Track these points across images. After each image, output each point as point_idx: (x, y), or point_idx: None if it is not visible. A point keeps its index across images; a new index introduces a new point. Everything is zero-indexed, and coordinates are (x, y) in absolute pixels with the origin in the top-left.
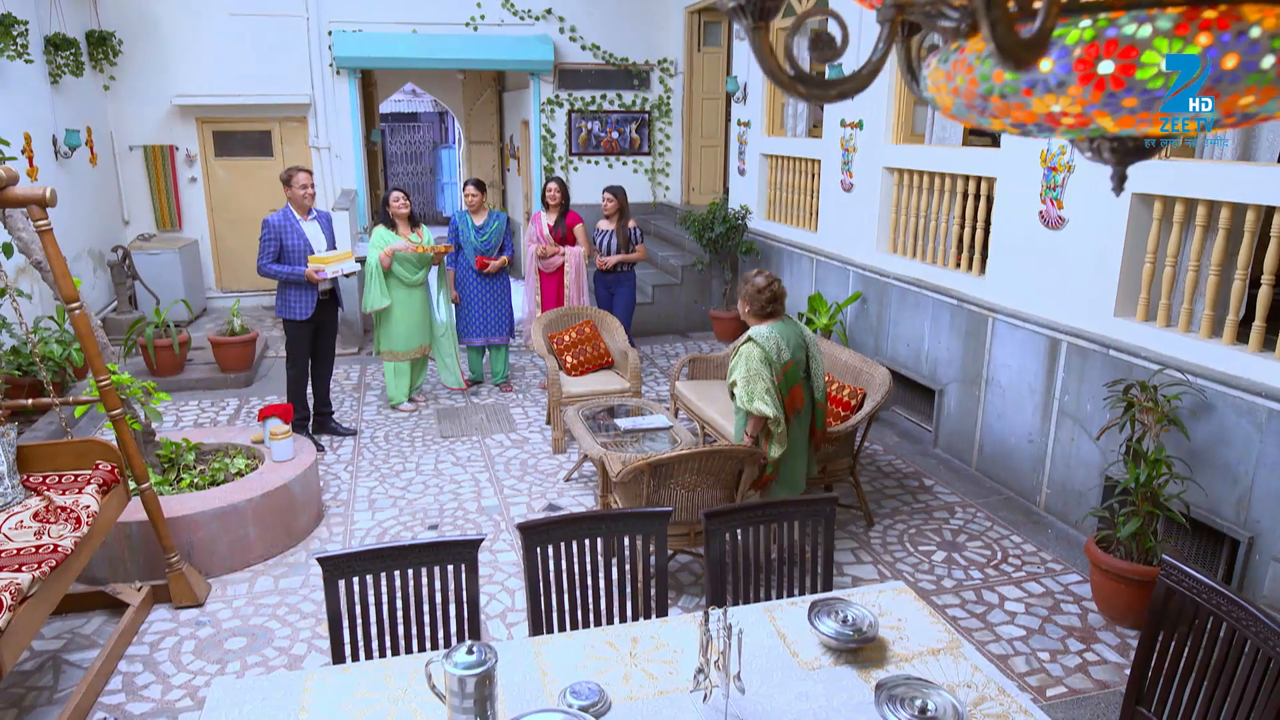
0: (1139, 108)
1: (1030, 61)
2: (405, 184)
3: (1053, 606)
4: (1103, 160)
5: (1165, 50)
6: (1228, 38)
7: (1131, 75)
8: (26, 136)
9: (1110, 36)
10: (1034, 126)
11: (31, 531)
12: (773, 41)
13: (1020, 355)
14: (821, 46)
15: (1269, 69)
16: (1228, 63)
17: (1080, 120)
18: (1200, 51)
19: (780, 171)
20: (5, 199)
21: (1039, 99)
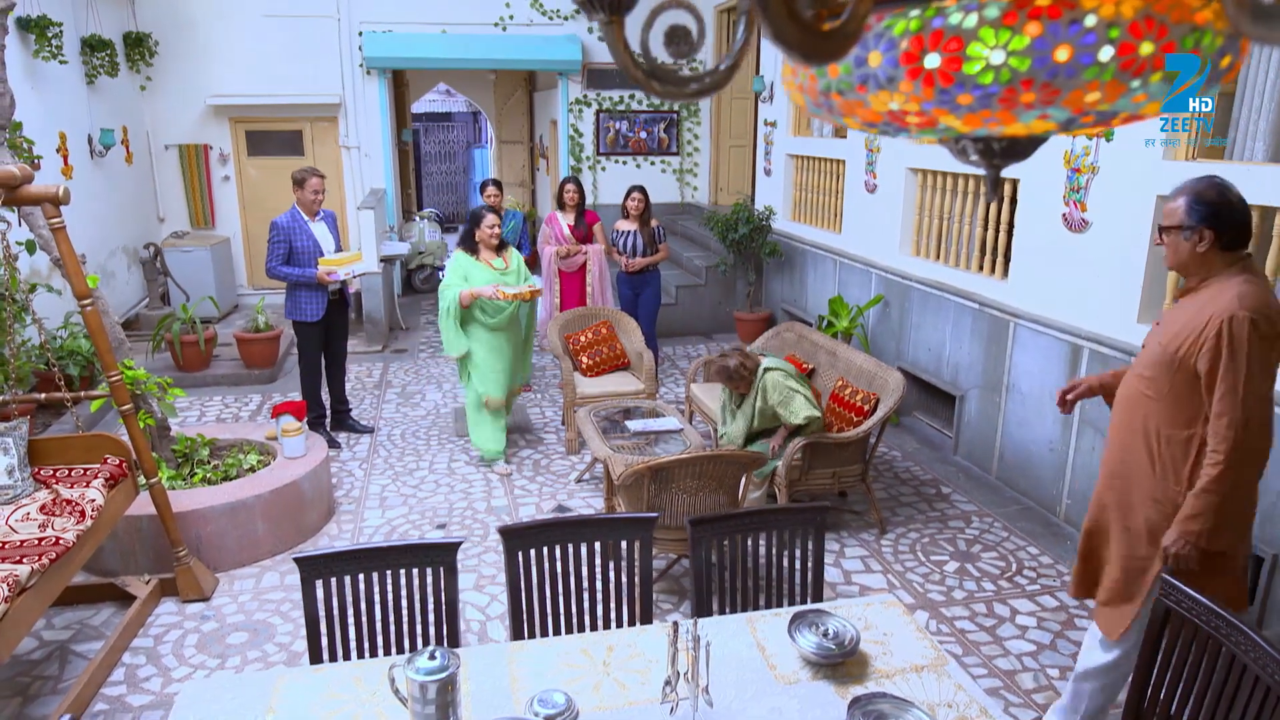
0: (977, 105)
1: (827, 54)
2: (439, 183)
3: (1066, 622)
4: (971, 163)
5: (992, 42)
6: (1058, 27)
7: (959, 69)
8: (62, 136)
9: (936, 27)
10: (883, 126)
11: (36, 524)
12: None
13: (1042, 361)
14: (676, 41)
15: (1108, 62)
16: (1060, 55)
17: (925, 119)
18: (1029, 43)
19: (805, 172)
20: (20, 197)
21: (874, 96)
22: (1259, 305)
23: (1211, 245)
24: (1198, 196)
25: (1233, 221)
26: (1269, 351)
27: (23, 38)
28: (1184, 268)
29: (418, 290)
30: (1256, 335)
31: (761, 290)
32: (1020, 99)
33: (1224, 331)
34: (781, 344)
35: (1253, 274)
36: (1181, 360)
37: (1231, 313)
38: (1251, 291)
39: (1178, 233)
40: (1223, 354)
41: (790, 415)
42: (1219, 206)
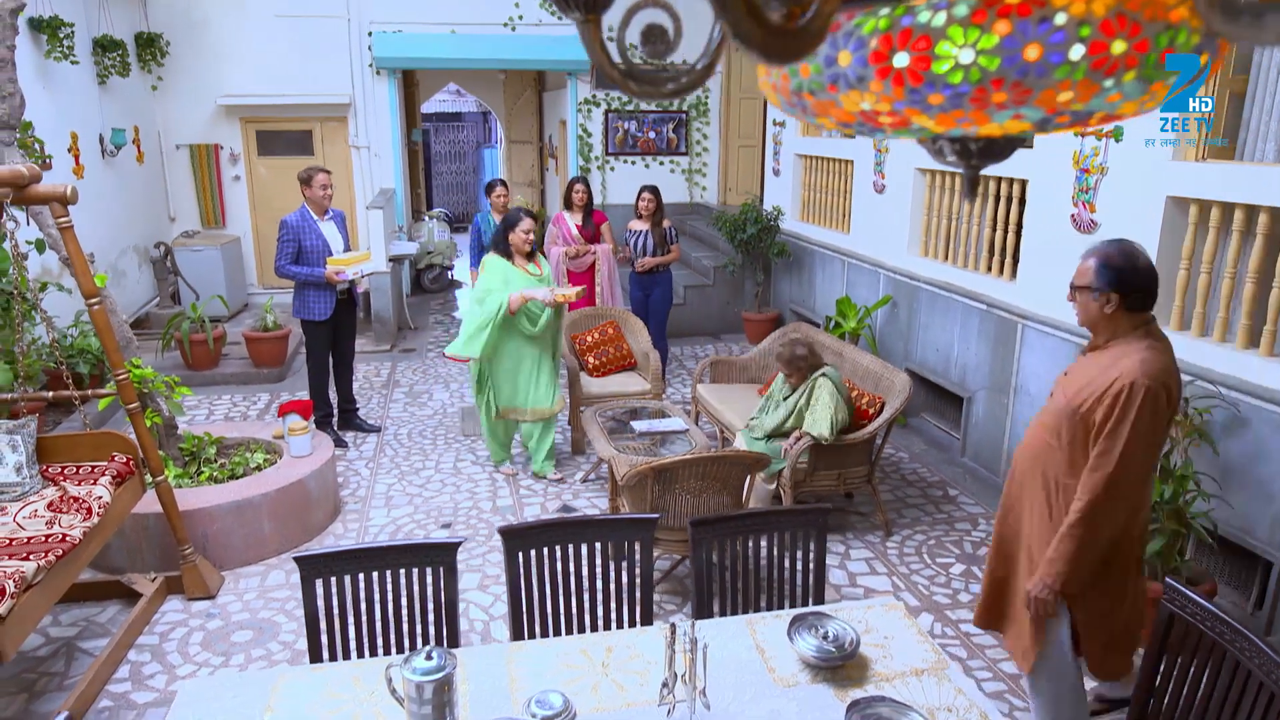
0: (949, 105)
1: (790, 54)
2: (449, 183)
3: None
4: (949, 163)
5: (961, 40)
6: (1028, 25)
7: (928, 68)
8: (73, 135)
9: (905, 26)
10: (857, 126)
11: (43, 521)
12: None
13: (1050, 363)
14: (653, 40)
15: (1079, 61)
16: (1030, 53)
17: (898, 120)
18: (998, 41)
19: (814, 172)
20: (28, 196)
21: (846, 96)
22: (1160, 373)
23: (1118, 307)
24: (1106, 260)
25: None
26: (1159, 423)
27: (34, 38)
28: (1093, 325)
29: (427, 290)
30: (1151, 406)
31: (770, 290)
32: (992, 98)
33: (1123, 393)
34: None
35: (1155, 339)
36: (1083, 414)
37: (1134, 378)
38: (1154, 358)
39: (1087, 292)
40: (1115, 413)
41: (811, 421)
42: (1125, 271)
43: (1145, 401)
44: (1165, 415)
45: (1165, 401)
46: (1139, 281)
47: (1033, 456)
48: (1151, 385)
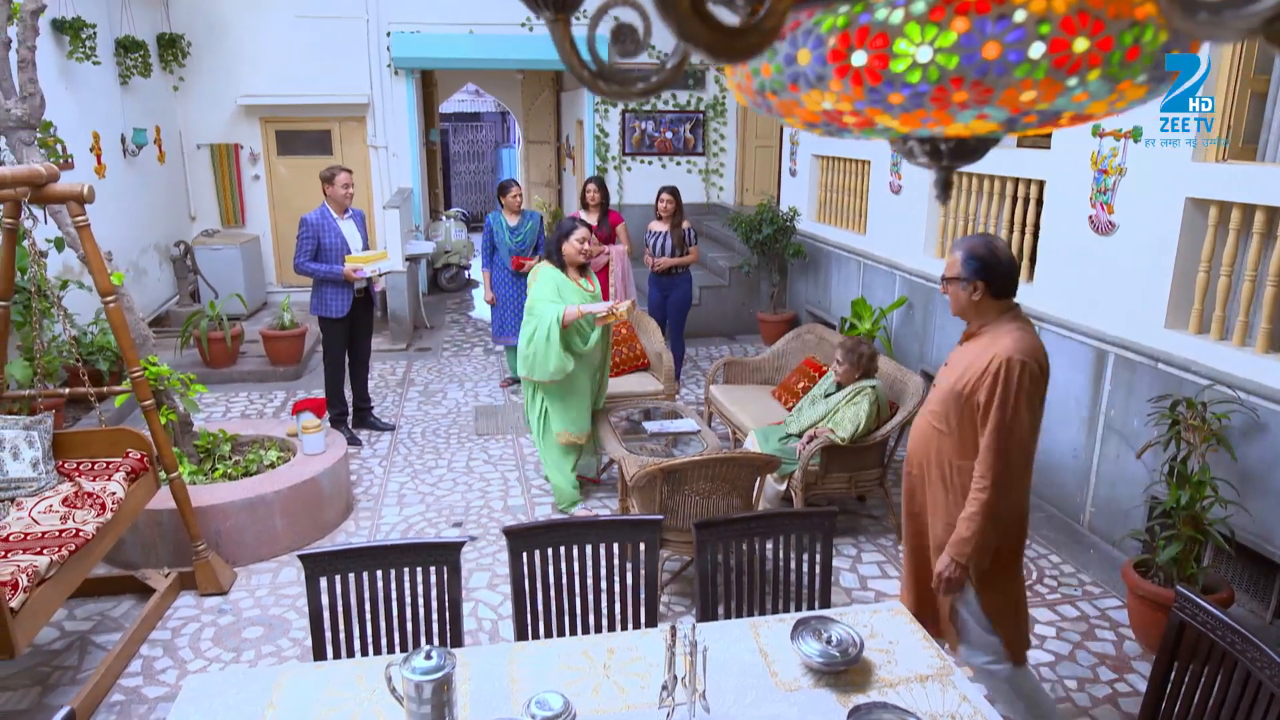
0: (910, 104)
1: (741, 52)
2: (467, 182)
3: (1087, 632)
4: (920, 164)
5: (918, 38)
6: (987, 23)
7: (886, 67)
8: (95, 135)
9: (863, 24)
10: (823, 126)
11: (58, 516)
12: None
13: (1066, 366)
14: (622, 39)
15: (1039, 59)
16: (989, 51)
17: (861, 119)
18: (956, 39)
19: (830, 173)
20: (45, 195)
21: (807, 95)
22: (1031, 350)
23: (984, 295)
24: (971, 252)
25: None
26: (1037, 390)
27: (57, 39)
28: (964, 314)
29: (444, 289)
30: (1028, 378)
31: (786, 291)
32: (953, 98)
33: (1001, 371)
34: (802, 346)
35: (1021, 321)
36: (967, 397)
37: (1009, 355)
38: (1024, 337)
39: (957, 283)
40: (997, 390)
41: (838, 420)
42: (989, 261)
43: (1022, 375)
44: (1041, 387)
45: (1039, 374)
46: (1001, 270)
47: (925, 443)
48: (1026, 360)
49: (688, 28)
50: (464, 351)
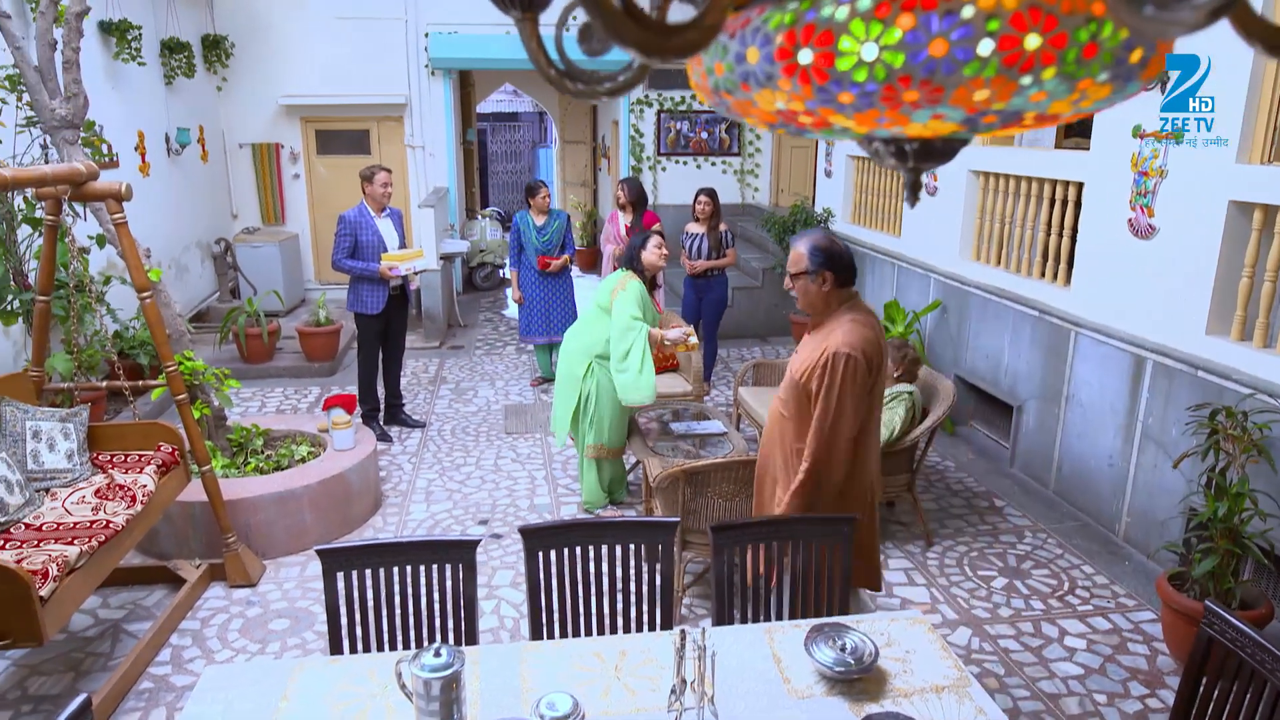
0: (861, 104)
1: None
2: (504, 182)
3: (1119, 645)
4: (889, 165)
5: (864, 36)
6: (934, 19)
7: (831, 65)
8: (140, 134)
9: (809, 21)
10: (781, 125)
11: (90, 507)
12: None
13: (1103, 373)
14: (589, 38)
15: (989, 56)
16: (935, 49)
17: (816, 119)
18: (901, 36)
19: (865, 173)
20: (85, 193)
21: (759, 95)
22: (860, 343)
23: (832, 285)
24: (814, 245)
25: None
26: (861, 385)
27: (104, 41)
28: (812, 306)
29: (478, 288)
30: (853, 369)
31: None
32: (903, 97)
33: (829, 363)
34: None
35: (860, 313)
36: (803, 385)
37: (838, 348)
38: (856, 330)
39: (805, 277)
40: (825, 380)
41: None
42: (831, 252)
43: (847, 367)
44: (866, 378)
45: (865, 366)
46: (843, 260)
47: (772, 426)
48: (852, 354)
49: (614, 25)
50: (496, 350)
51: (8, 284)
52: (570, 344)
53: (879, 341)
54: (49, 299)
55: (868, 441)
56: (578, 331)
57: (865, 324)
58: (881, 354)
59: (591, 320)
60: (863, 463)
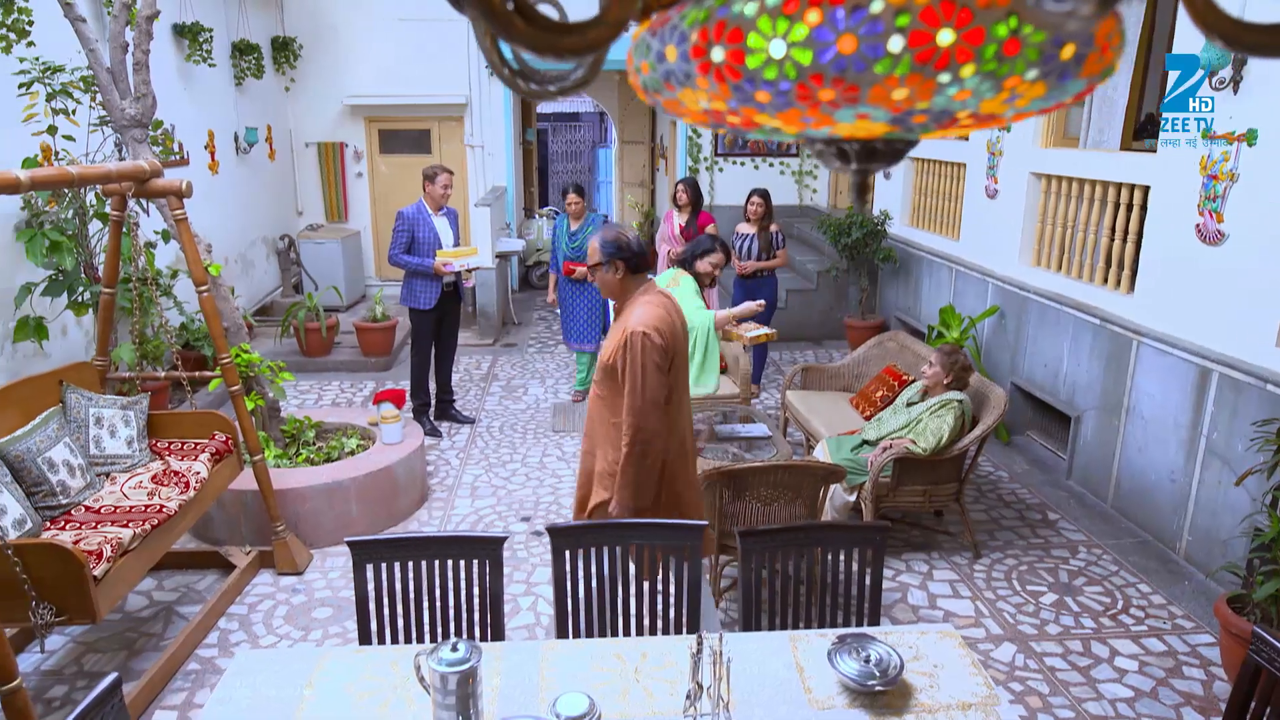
0: (779, 103)
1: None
2: (565, 181)
3: (1173, 669)
4: (836, 168)
5: (770, 32)
6: (841, 15)
7: (742, 63)
8: (210, 133)
9: (720, 17)
10: (714, 127)
11: (145, 492)
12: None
13: (1165, 384)
14: None
15: (900, 53)
16: (844, 45)
17: (744, 120)
18: (808, 33)
19: (925, 175)
20: (148, 190)
21: (682, 94)
22: (651, 320)
23: (625, 273)
24: (605, 239)
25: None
26: (657, 360)
27: (177, 43)
28: (613, 293)
29: (534, 286)
30: (650, 345)
31: (876, 297)
32: (819, 96)
33: (629, 343)
34: (883, 353)
35: (652, 295)
36: (610, 367)
37: (634, 328)
38: (646, 310)
39: (601, 268)
40: (626, 359)
41: (921, 431)
42: (620, 243)
43: (645, 343)
44: (664, 352)
45: (660, 341)
46: (631, 249)
47: (593, 407)
48: (647, 331)
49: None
50: (548, 349)
51: (79, 276)
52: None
53: (672, 319)
54: (114, 291)
55: (678, 409)
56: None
57: (658, 305)
58: (675, 330)
59: None
60: (676, 428)
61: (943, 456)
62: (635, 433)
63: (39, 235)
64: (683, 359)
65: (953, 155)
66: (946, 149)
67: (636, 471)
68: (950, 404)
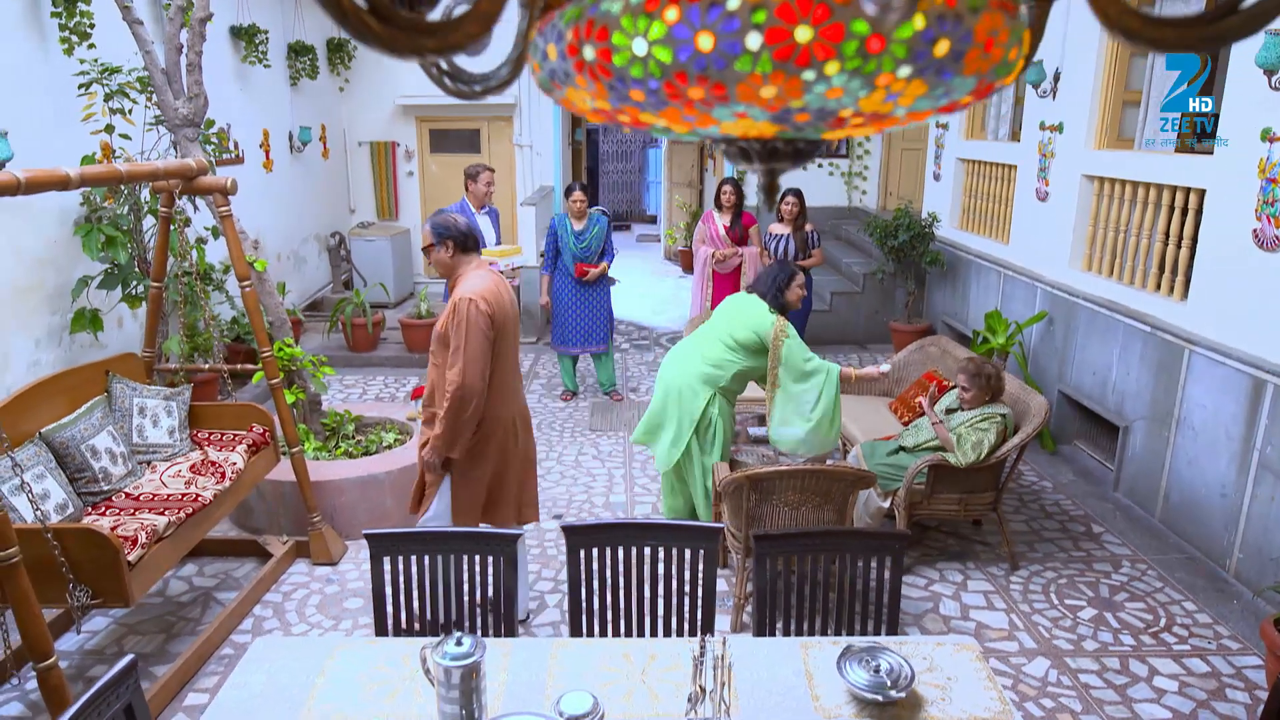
0: (654, 102)
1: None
2: (615, 181)
3: (1215, 690)
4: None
5: (633, 30)
6: (697, 12)
7: (611, 61)
8: (265, 132)
9: (590, 15)
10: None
11: (183, 481)
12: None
13: (1218, 395)
14: None
15: (759, 51)
16: (702, 43)
17: (632, 119)
18: (667, 30)
19: (975, 177)
20: (195, 187)
21: (569, 93)
22: (477, 289)
23: (455, 251)
24: (434, 224)
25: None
26: (483, 326)
27: (234, 44)
28: (447, 271)
29: None
30: (475, 310)
31: (923, 301)
32: (689, 94)
33: (458, 309)
34: (924, 358)
35: (482, 269)
36: (442, 335)
37: (461, 296)
38: (475, 279)
39: (433, 249)
40: (455, 325)
41: (959, 444)
42: (447, 224)
43: (471, 309)
44: (489, 317)
45: (486, 306)
46: (458, 230)
47: (432, 375)
48: (473, 298)
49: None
50: None
51: (133, 270)
52: (683, 375)
53: (499, 291)
54: (161, 285)
55: (502, 379)
56: (689, 359)
57: (487, 278)
58: (502, 302)
59: (713, 349)
60: (500, 396)
61: (981, 465)
62: (458, 389)
63: (95, 230)
64: (509, 333)
65: (1003, 157)
66: (996, 150)
67: (454, 421)
68: (993, 417)
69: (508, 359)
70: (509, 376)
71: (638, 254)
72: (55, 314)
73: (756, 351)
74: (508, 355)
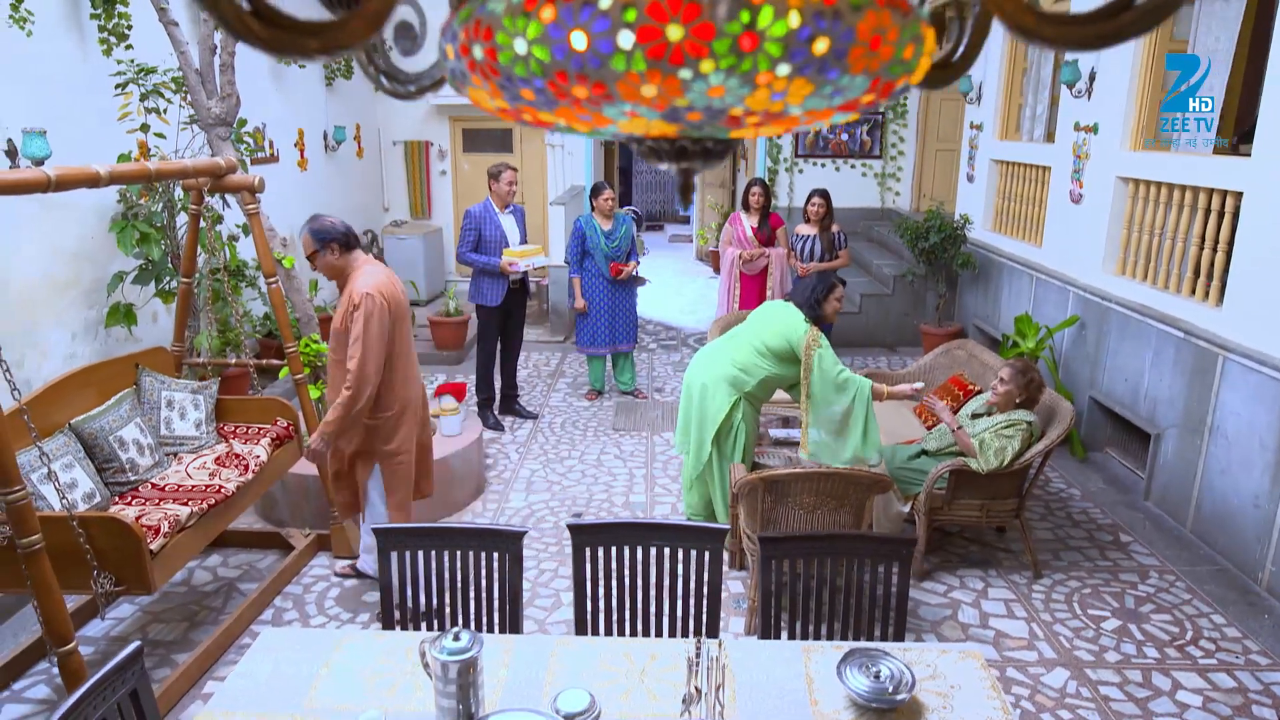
0: (543, 101)
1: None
2: (648, 181)
3: (1241, 707)
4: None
5: (514, 29)
6: (571, 10)
7: (496, 60)
8: (300, 131)
9: (478, 15)
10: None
11: (207, 473)
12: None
13: (1253, 403)
14: (401, 37)
15: (631, 49)
16: (576, 41)
17: (535, 118)
18: (544, 29)
19: (1009, 179)
20: (224, 185)
21: (470, 92)
22: (372, 283)
23: (340, 252)
24: (311, 230)
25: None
26: (381, 319)
27: None
28: (337, 274)
29: None
30: (371, 304)
31: (954, 304)
32: (573, 93)
33: (352, 305)
34: (951, 362)
35: (372, 264)
36: (340, 331)
37: (355, 290)
38: (368, 275)
39: (318, 254)
40: (355, 318)
41: (981, 451)
42: (325, 227)
43: (366, 302)
44: (383, 311)
45: (382, 299)
46: (337, 231)
47: (332, 370)
48: (370, 292)
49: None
50: None
51: (166, 266)
52: (709, 377)
53: (392, 284)
54: (190, 281)
55: (406, 363)
56: (718, 362)
57: (379, 272)
58: (395, 295)
59: (743, 353)
60: (404, 378)
61: (1002, 471)
62: (355, 377)
63: (130, 227)
64: (404, 321)
65: (1037, 158)
66: (1030, 151)
67: (348, 409)
68: (1019, 424)
69: (406, 344)
70: (409, 361)
71: (669, 254)
72: (91, 308)
73: (786, 359)
74: (406, 341)
